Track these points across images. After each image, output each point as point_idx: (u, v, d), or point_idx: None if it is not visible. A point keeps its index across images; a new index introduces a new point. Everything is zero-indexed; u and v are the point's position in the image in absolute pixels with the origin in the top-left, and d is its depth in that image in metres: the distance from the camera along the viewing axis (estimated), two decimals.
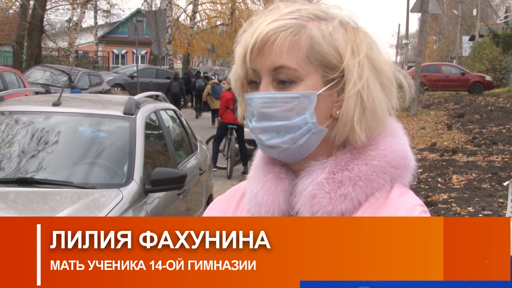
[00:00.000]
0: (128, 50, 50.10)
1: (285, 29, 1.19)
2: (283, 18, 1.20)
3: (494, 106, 21.18)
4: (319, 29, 1.20)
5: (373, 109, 1.21)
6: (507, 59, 31.16)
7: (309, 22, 1.21)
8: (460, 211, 7.47)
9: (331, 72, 1.20)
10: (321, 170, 1.21)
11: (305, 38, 1.19)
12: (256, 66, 1.21)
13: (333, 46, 1.20)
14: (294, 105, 1.19)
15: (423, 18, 20.63)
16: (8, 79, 14.18)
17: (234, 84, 1.28)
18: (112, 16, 36.08)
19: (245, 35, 1.22)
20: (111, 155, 4.71)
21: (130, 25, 22.38)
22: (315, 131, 1.21)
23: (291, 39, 1.18)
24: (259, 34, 1.19)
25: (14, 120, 4.86)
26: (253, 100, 1.21)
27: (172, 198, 4.95)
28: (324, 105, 1.21)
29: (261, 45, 1.19)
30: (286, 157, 1.24)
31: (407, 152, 1.26)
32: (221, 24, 40.90)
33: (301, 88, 1.19)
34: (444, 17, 60.90)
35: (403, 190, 1.23)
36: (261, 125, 1.21)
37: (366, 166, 1.21)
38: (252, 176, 1.31)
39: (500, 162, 11.02)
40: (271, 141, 1.21)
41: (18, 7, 26.03)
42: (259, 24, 1.21)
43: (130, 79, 24.93)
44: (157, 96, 6.09)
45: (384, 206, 1.20)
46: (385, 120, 1.24)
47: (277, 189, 1.25)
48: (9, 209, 4.09)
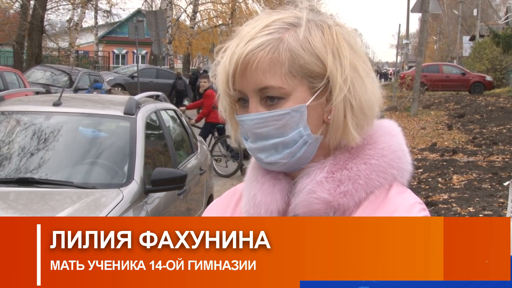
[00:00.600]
0: (129, 50, 50.13)
1: (263, 48, 1.17)
2: (259, 35, 1.18)
3: (494, 106, 21.17)
4: (297, 40, 1.18)
5: (361, 108, 1.21)
6: (507, 59, 31.15)
7: (285, 33, 1.19)
8: (460, 211, 7.46)
9: (317, 80, 1.19)
10: (320, 170, 1.22)
11: (284, 52, 1.17)
12: (241, 87, 1.20)
13: (313, 55, 1.18)
14: (286, 121, 1.19)
15: (424, 18, 20.63)
16: (8, 79, 14.18)
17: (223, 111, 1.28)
18: (112, 16, 36.10)
19: (223, 59, 1.21)
20: (111, 155, 4.71)
21: (130, 25, 22.38)
22: (311, 141, 1.21)
23: (270, 57, 1.17)
24: (238, 57, 1.18)
25: (14, 120, 4.86)
26: (245, 122, 1.21)
27: (172, 198, 4.95)
28: (315, 114, 1.21)
29: (242, 69, 1.18)
30: (287, 169, 1.24)
31: (405, 152, 1.27)
32: (221, 24, 40.91)
33: (290, 103, 1.18)
34: (444, 17, 60.90)
35: (402, 188, 1.23)
36: (258, 145, 1.22)
37: (364, 165, 1.22)
38: (249, 178, 1.31)
39: (501, 162, 11.01)
40: (270, 158, 1.22)
41: (18, 7, 26.04)
42: (235, 45, 1.19)
43: (131, 79, 24.93)
44: (158, 96, 6.09)
45: (383, 204, 1.20)
46: (373, 116, 1.24)
47: (275, 189, 1.25)
48: (9, 209, 4.09)
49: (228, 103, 1.25)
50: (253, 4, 39.60)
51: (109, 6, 33.61)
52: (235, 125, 1.28)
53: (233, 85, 1.20)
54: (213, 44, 39.55)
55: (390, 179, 1.22)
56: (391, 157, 1.23)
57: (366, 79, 1.22)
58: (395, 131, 1.28)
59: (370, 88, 1.23)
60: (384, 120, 1.30)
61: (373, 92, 1.23)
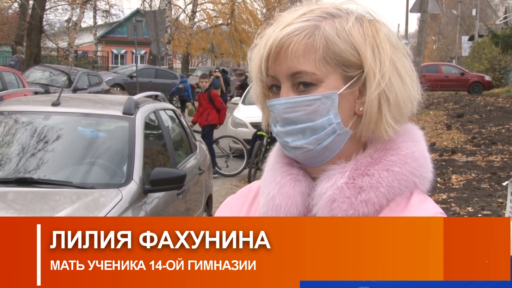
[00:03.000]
0: (128, 50, 50.09)
1: (298, 33, 1.17)
2: (296, 21, 1.18)
3: (493, 106, 21.19)
4: (334, 28, 1.18)
5: (397, 103, 1.19)
6: (506, 59, 31.17)
7: (322, 21, 1.18)
8: (459, 211, 7.47)
9: (351, 70, 1.18)
10: (341, 175, 1.19)
11: (319, 39, 1.17)
12: (274, 72, 1.19)
13: (350, 44, 1.18)
14: (317, 107, 1.17)
15: (422, 18, 20.62)
16: (7, 79, 14.16)
17: (255, 97, 1.26)
18: (111, 16, 36.08)
19: (258, 43, 1.21)
20: (110, 155, 4.71)
21: (129, 25, 22.34)
22: (340, 132, 1.19)
23: (305, 42, 1.16)
24: (273, 41, 1.17)
25: (13, 120, 4.85)
26: (275, 107, 1.20)
27: (171, 198, 4.95)
28: (346, 103, 1.19)
29: (276, 52, 1.17)
30: (310, 158, 1.22)
31: (427, 160, 1.24)
32: (220, 23, 40.89)
33: (322, 90, 1.17)
34: (443, 17, 60.92)
35: (423, 197, 1.22)
36: (286, 129, 1.20)
37: (387, 172, 1.19)
38: (267, 178, 1.28)
39: (500, 162, 11.02)
40: (296, 142, 1.20)
41: (17, 7, 26.03)
42: (272, 31, 1.19)
43: (130, 79, 24.90)
44: (157, 96, 6.09)
45: (404, 212, 1.18)
46: (408, 111, 1.22)
47: (295, 191, 1.23)
48: (8, 209, 4.08)
49: (261, 89, 1.24)
50: (253, 3, 39.60)
51: (108, 7, 33.61)
52: (267, 113, 1.26)
53: (266, 71, 1.19)
54: (212, 44, 39.55)
55: (411, 186, 1.20)
56: (413, 165, 1.21)
57: (405, 76, 1.21)
58: (417, 137, 1.26)
59: (409, 85, 1.21)
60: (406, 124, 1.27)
61: (411, 89, 1.22)
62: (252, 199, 1.34)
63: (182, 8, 39.84)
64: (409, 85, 1.22)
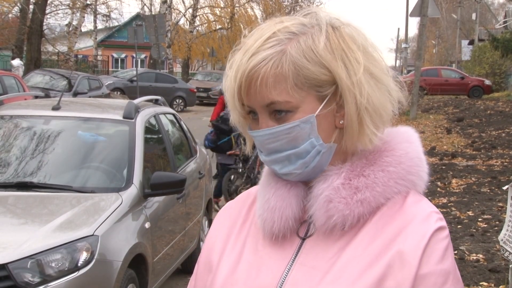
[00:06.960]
0: (128, 54, 50.16)
1: (266, 63, 1.15)
2: (262, 48, 1.16)
3: (493, 110, 21.20)
4: (300, 50, 1.16)
5: (375, 110, 1.18)
6: (506, 63, 31.19)
7: (288, 44, 1.16)
8: (459, 215, 7.47)
9: (325, 88, 1.17)
10: (337, 176, 1.20)
11: (287, 66, 1.15)
12: (248, 103, 1.19)
13: (319, 64, 1.16)
14: (297, 134, 1.17)
15: (422, 22, 20.65)
16: (7, 83, 14.16)
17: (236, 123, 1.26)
18: (111, 21, 36.13)
19: (229, 74, 1.19)
20: (110, 159, 4.70)
21: (129, 29, 22.31)
22: (324, 150, 1.19)
23: (274, 73, 1.15)
24: (242, 74, 1.16)
25: (13, 124, 4.85)
26: (256, 138, 1.21)
27: (171, 202, 4.94)
28: (326, 122, 1.19)
29: (247, 86, 1.16)
30: (303, 178, 1.23)
31: (422, 161, 1.25)
32: (220, 28, 40.94)
33: (299, 116, 1.17)
34: (443, 21, 60.98)
35: (419, 197, 1.21)
36: (271, 158, 1.21)
37: (382, 172, 1.19)
38: (264, 182, 1.29)
39: (500, 166, 11.02)
40: (284, 169, 1.20)
41: (17, 11, 26.06)
42: (240, 60, 1.17)
43: (130, 83, 24.92)
44: (157, 100, 6.09)
45: (400, 212, 1.18)
46: (389, 116, 1.22)
47: (290, 194, 1.23)
48: (8, 213, 4.08)
49: (239, 116, 1.24)
50: (252, 8, 39.66)
51: (108, 11, 33.66)
52: (249, 137, 1.27)
53: (241, 101, 1.19)
54: (212, 49, 39.59)
55: (408, 186, 1.21)
56: (409, 164, 1.21)
57: (381, 76, 1.20)
58: (413, 138, 1.26)
59: (386, 82, 1.20)
60: (402, 126, 1.27)
61: (388, 92, 1.21)
62: (251, 203, 1.34)
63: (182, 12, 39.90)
64: (386, 83, 1.20)
